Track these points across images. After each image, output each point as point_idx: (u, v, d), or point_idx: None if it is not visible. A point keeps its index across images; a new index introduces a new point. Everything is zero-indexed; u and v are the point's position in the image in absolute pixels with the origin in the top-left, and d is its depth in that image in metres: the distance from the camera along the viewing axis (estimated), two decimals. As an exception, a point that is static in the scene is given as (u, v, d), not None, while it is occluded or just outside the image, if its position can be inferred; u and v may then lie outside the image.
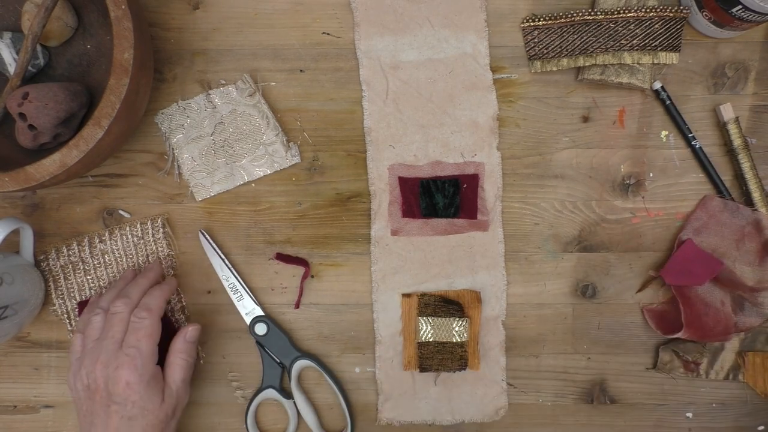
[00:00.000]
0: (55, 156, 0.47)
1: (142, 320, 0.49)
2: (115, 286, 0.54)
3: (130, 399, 0.48)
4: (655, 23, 0.54)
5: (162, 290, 0.52)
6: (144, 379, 0.48)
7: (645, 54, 0.54)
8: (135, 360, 0.48)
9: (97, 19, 0.55)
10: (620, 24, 0.54)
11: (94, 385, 0.49)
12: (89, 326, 0.51)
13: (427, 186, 0.57)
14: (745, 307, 0.56)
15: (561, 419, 0.58)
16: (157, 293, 0.52)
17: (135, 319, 0.49)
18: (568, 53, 0.56)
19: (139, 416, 0.48)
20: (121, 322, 0.49)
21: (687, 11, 0.54)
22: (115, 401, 0.48)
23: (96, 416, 0.48)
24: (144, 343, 0.49)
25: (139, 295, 0.51)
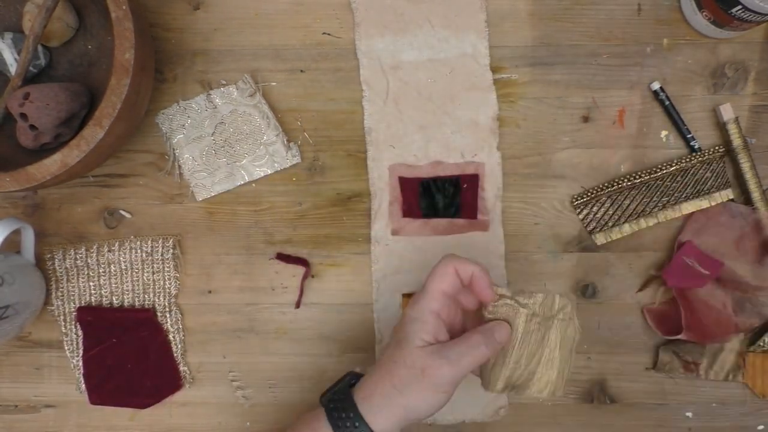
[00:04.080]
0: (56, 156, 0.47)
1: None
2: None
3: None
4: (698, 169, 0.56)
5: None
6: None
7: (702, 199, 0.56)
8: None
9: (98, 20, 0.55)
10: (667, 179, 0.56)
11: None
12: None
13: (428, 186, 0.57)
14: (745, 308, 0.56)
15: (561, 419, 0.58)
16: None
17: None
18: (626, 218, 0.57)
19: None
20: None
21: (722, 149, 0.56)
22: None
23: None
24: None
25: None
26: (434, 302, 0.43)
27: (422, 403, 0.43)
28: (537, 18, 0.57)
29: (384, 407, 0.43)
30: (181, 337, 0.59)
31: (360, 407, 0.43)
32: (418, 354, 0.42)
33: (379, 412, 0.43)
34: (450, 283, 0.44)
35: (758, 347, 0.56)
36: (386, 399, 0.43)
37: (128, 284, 0.59)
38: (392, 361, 0.43)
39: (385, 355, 0.45)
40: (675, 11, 0.57)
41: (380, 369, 0.44)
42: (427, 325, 0.43)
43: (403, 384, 0.42)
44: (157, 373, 0.58)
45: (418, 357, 0.42)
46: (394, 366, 0.43)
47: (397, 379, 0.42)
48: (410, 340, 0.43)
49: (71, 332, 0.59)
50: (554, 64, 0.57)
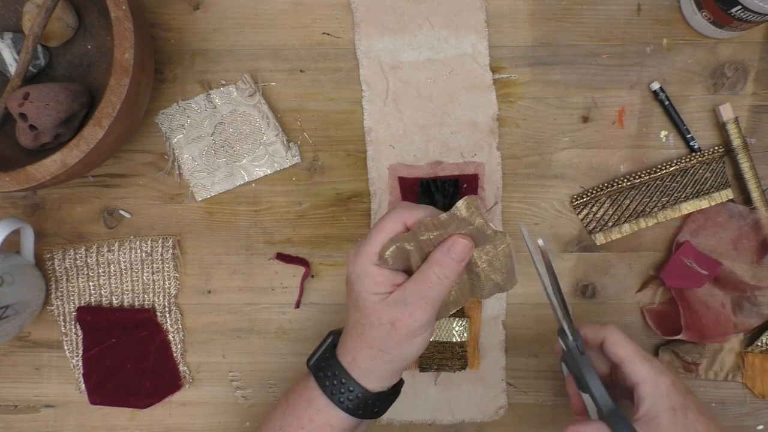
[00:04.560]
0: (56, 156, 0.47)
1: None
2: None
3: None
4: (698, 169, 0.56)
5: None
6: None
7: (701, 199, 0.56)
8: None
9: (97, 20, 0.55)
10: (666, 179, 0.56)
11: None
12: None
13: (427, 186, 0.57)
14: (744, 308, 0.56)
15: (561, 419, 0.58)
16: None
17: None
18: (626, 218, 0.57)
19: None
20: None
21: (722, 149, 0.56)
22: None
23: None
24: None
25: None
26: (376, 257, 0.41)
27: (407, 351, 0.42)
28: (537, 18, 0.57)
29: (372, 368, 0.42)
30: (180, 337, 0.59)
31: (350, 371, 0.42)
32: (381, 309, 0.40)
33: (369, 373, 0.42)
34: (395, 232, 0.41)
35: (757, 347, 0.56)
36: (371, 360, 0.42)
37: (128, 284, 0.59)
38: (359, 323, 0.42)
39: (350, 317, 0.43)
40: (675, 11, 0.57)
41: (352, 332, 0.43)
42: (376, 277, 0.41)
43: (379, 343, 0.41)
44: (156, 373, 0.58)
45: (382, 312, 0.40)
46: (362, 328, 0.42)
47: (371, 339, 0.41)
48: (366, 298, 0.41)
49: (71, 332, 0.59)
50: (554, 64, 0.57)
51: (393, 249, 0.41)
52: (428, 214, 0.41)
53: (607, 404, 0.42)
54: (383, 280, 0.41)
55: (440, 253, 0.40)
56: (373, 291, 0.41)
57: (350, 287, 0.42)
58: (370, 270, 0.41)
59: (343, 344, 0.44)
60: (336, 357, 0.43)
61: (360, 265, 0.41)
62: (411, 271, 0.42)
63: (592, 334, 0.46)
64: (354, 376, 0.42)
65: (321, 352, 0.45)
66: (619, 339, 0.44)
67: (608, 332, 0.45)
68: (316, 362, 0.45)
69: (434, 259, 0.40)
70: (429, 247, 0.41)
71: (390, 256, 0.41)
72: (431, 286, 0.40)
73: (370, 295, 0.41)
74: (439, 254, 0.40)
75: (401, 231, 0.41)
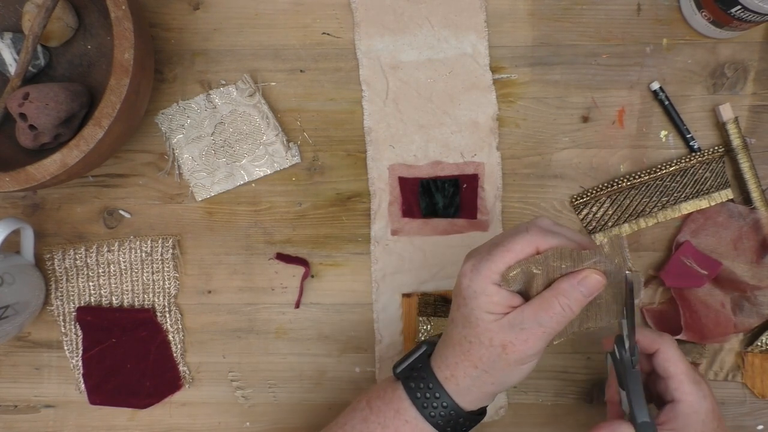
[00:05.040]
0: (56, 156, 0.47)
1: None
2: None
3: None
4: (698, 169, 0.56)
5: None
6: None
7: (701, 199, 0.56)
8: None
9: (97, 20, 0.55)
10: (666, 179, 0.56)
11: None
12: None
13: (427, 186, 0.57)
14: (744, 308, 0.56)
15: (561, 419, 0.58)
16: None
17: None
18: (626, 218, 0.57)
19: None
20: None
21: (722, 149, 0.56)
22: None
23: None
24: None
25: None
26: (498, 276, 0.39)
27: (512, 377, 0.40)
28: (537, 18, 0.57)
29: (472, 387, 0.40)
30: (180, 337, 0.59)
31: (445, 386, 0.40)
32: (494, 330, 0.39)
33: (468, 392, 0.40)
34: (525, 255, 0.39)
35: (757, 347, 0.56)
36: (472, 380, 0.40)
37: (128, 284, 0.59)
38: (466, 340, 0.40)
39: (456, 331, 0.41)
40: (674, 11, 0.57)
41: (455, 347, 0.40)
42: (494, 296, 0.39)
43: (486, 364, 0.39)
44: (156, 373, 0.58)
45: (495, 333, 0.39)
46: (470, 346, 0.39)
47: (477, 359, 0.39)
48: (479, 316, 0.39)
49: (71, 332, 0.59)
50: (554, 64, 0.57)
51: (518, 271, 0.39)
52: (562, 242, 0.39)
53: (643, 416, 0.42)
54: (500, 300, 0.39)
55: (569, 284, 0.38)
56: (488, 310, 0.39)
57: (462, 302, 0.40)
58: (489, 289, 0.39)
59: (442, 358, 0.41)
60: (431, 369, 0.41)
61: (478, 281, 0.39)
62: (527, 295, 0.40)
63: (647, 342, 0.45)
64: (449, 391, 0.40)
65: (413, 360, 0.43)
66: (672, 355, 0.44)
67: (663, 345, 0.44)
68: (406, 371, 0.43)
69: (561, 288, 0.38)
70: (557, 274, 0.39)
71: (513, 278, 0.39)
72: (553, 315, 0.38)
73: (484, 314, 0.39)
74: (567, 285, 0.38)
75: (531, 256, 0.39)
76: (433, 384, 0.41)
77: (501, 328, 0.39)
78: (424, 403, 0.41)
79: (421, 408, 0.41)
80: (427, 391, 0.41)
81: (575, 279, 0.38)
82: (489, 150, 0.57)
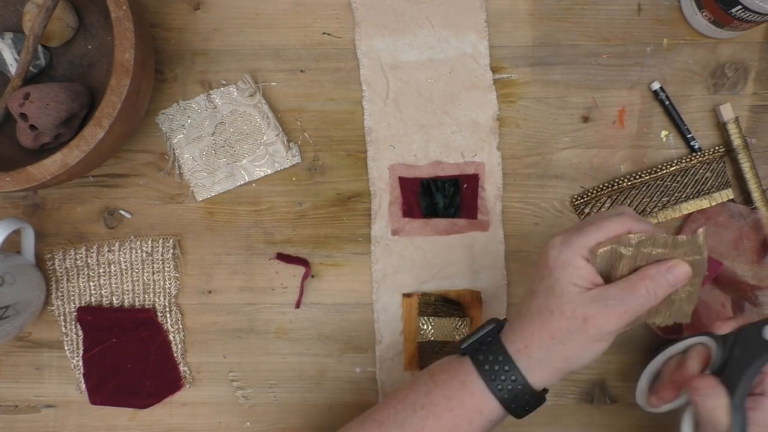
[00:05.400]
0: (56, 156, 0.47)
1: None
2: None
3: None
4: (698, 169, 0.56)
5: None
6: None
7: (702, 199, 0.56)
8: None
9: (98, 20, 0.55)
10: (667, 179, 0.56)
11: None
12: None
13: (428, 186, 0.57)
14: (744, 308, 0.56)
15: (561, 419, 0.58)
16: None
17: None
18: None
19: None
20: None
21: (722, 149, 0.56)
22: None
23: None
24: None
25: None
26: (588, 250, 0.39)
27: (585, 354, 0.40)
28: (537, 18, 0.57)
29: (545, 360, 0.40)
30: (181, 337, 0.59)
31: (516, 360, 0.40)
32: (577, 302, 0.39)
33: (539, 366, 0.40)
34: (616, 233, 0.39)
35: (758, 347, 0.56)
36: (546, 351, 0.40)
37: (128, 284, 0.59)
38: (547, 310, 0.40)
39: (536, 302, 0.41)
40: (675, 11, 0.57)
41: (533, 318, 0.40)
42: (582, 270, 0.39)
43: (564, 336, 0.39)
44: (157, 373, 0.58)
45: (578, 305, 0.39)
46: (550, 316, 0.39)
47: (556, 330, 0.39)
48: (564, 287, 0.39)
49: (71, 332, 0.59)
50: (554, 64, 0.57)
51: (608, 248, 0.40)
52: (654, 230, 0.40)
53: (741, 399, 0.41)
54: (587, 275, 0.39)
55: (657, 270, 0.39)
56: (574, 282, 0.39)
57: (547, 272, 0.40)
58: (577, 261, 0.39)
59: (516, 330, 0.41)
60: (501, 342, 0.41)
61: (567, 252, 0.39)
62: (610, 277, 0.41)
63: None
64: (520, 365, 0.40)
65: (482, 335, 0.42)
66: None
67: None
68: (474, 344, 0.42)
69: (648, 273, 0.39)
70: (643, 262, 0.40)
71: (601, 255, 0.40)
72: (638, 296, 0.39)
73: (570, 285, 0.39)
74: (655, 271, 0.39)
75: (623, 235, 0.40)
76: (503, 357, 0.40)
77: (585, 300, 0.39)
78: (492, 375, 0.40)
79: (489, 380, 0.40)
80: (496, 364, 0.40)
81: (664, 266, 0.39)
82: (489, 150, 0.57)
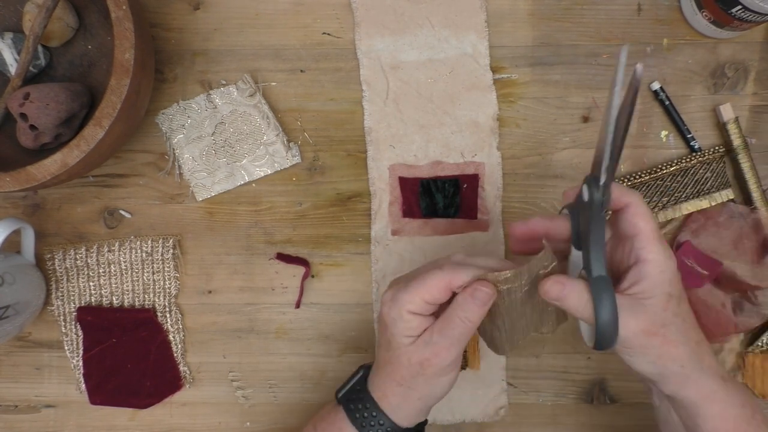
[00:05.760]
0: (56, 156, 0.47)
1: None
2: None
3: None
4: (698, 169, 0.56)
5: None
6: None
7: (702, 199, 0.56)
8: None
9: (98, 20, 0.55)
10: (667, 179, 0.56)
11: None
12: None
13: (428, 186, 0.57)
14: (744, 308, 0.56)
15: (561, 419, 0.58)
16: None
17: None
18: None
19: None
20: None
21: (722, 149, 0.56)
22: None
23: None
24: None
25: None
26: (413, 305, 0.42)
27: (436, 390, 0.44)
28: (537, 18, 0.57)
29: (401, 404, 0.44)
30: (181, 337, 0.59)
31: (381, 406, 0.44)
32: (412, 351, 0.42)
33: (399, 410, 0.44)
34: (436, 296, 0.41)
35: (757, 347, 0.56)
36: (399, 397, 0.44)
37: (128, 284, 0.59)
38: (391, 362, 0.44)
39: (381, 356, 0.45)
40: (675, 11, 0.57)
41: (383, 369, 0.44)
42: (410, 323, 0.42)
43: (408, 382, 0.43)
44: (157, 373, 0.58)
45: (413, 353, 0.42)
46: (393, 367, 0.43)
47: (401, 378, 0.43)
48: (399, 340, 0.43)
49: (71, 332, 0.59)
50: (554, 64, 0.57)
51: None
52: (475, 273, 0.41)
53: (599, 270, 0.39)
54: (416, 325, 0.42)
55: (462, 297, 0.41)
56: (405, 334, 0.42)
57: (384, 328, 0.44)
58: (405, 316, 0.42)
59: (375, 379, 0.45)
60: (368, 390, 0.45)
61: (395, 310, 0.42)
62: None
63: (615, 195, 0.41)
64: (385, 410, 0.44)
65: (352, 384, 0.47)
66: (643, 211, 0.40)
67: (634, 199, 0.41)
68: (346, 394, 0.46)
69: (458, 302, 0.41)
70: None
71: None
72: (455, 327, 0.41)
73: (403, 338, 0.42)
74: (462, 298, 0.41)
75: (441, 295, 0.41)
76: (371, 404, 0.44)
77: (417, 347, 0.42)
78: (363, 423, 0.44)
79: (361, 427, 0.44)
80: (365, 411, 0.44)
81: (467, 292, 0.41)
82: (489, 150, 0.57)
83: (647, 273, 0.40)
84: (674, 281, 0.40)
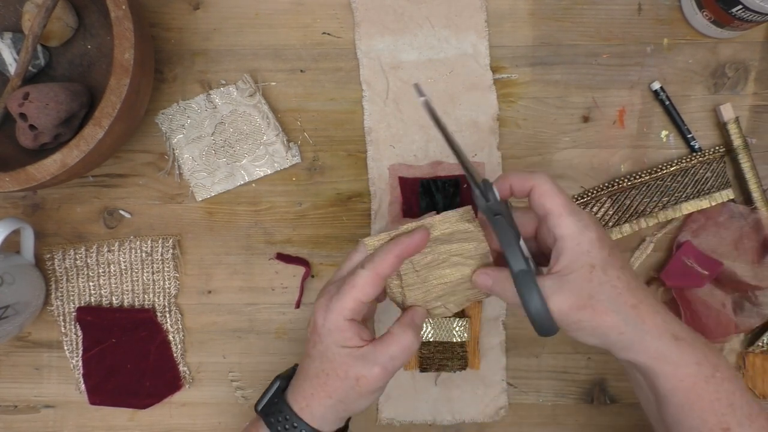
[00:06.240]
0: (56, 156, 0.47)
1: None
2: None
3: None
4: (699, 169, 0.56)
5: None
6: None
7: (702, 199, 0.56)
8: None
9: (97, 20, 0.55)
10: (667, 179, 0.56)
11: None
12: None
13: (428, 186, 0.57)
14: (745, 308, 0.56)
15: (561, 419, 0.58)
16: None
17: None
18: (627, 218, 0.57)
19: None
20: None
21: (722, 149, 0.56)
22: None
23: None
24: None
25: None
26: (348, 311, 0.41)
27: (363, 404, 0.43)
28: (537, 18, 0.57)
29: (326, 415, 0.43)
30: (180, 337, 0.59)
31: (302, 416, 0.43)
32: (349, 363, 0.41)
33: (322, 419, 0.43)
34: (370, 292, 0.41)
35: (758, 347, 0.56)
36: (326, 408, 0.42)
37: (128, 284, 0.59)
38: (324, 373, 0.42)
39: (312, 366, 0.43)
40: (675, 11, 0.57)
41: (313, 380, 0.43)
42: (346, 332, 0.41)
43: (340, 395, 0.42)
44: (156, 373, 0.58)
45: (350, 367, 0.41)
46: (326, 378, 0.42)
47: (333, 391, 0.42)
48: (334, 351, 0.41)
49: (71, 332, 0.59)
50: (554, 64, 0.57)
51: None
52: (392, 261, 0.41)
53: (518, 265, 0.39)
54: (353, 335, 0.41)
55: (399, 327, 0.42)
56: (342, 344, 0.41)
57: (317, 338, 0.42)
58: (341, 324, 0.41)
59: (298, 390, 0.44)
60: (286, 402, 0.44)
61: (331, 319, 0.41)
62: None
63: (519, 184, 0.41)
64: (306, 419, 0.43)
65: (269, 397, 0.45)
66: (547, 189, 0.40)
67: (537, 181, 0.40)
68: (265, 407, 0.45)
69: (404, 320, 0.43)
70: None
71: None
72: (403, 349, 0.41)
73: (340, 348, 0.41)
74: (398, 328, 0.42)
75: (373, 291, 0.41)
76: (290, 416, 0.43)
77: (355, 361, 0.41)
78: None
79: None
80: (286, 423, 0.43)
81: (404, 320, 0.42)
82: (489, 150, 0.57)
83: (563, 248, 0.39)
84: (593, 251, 0.39)
